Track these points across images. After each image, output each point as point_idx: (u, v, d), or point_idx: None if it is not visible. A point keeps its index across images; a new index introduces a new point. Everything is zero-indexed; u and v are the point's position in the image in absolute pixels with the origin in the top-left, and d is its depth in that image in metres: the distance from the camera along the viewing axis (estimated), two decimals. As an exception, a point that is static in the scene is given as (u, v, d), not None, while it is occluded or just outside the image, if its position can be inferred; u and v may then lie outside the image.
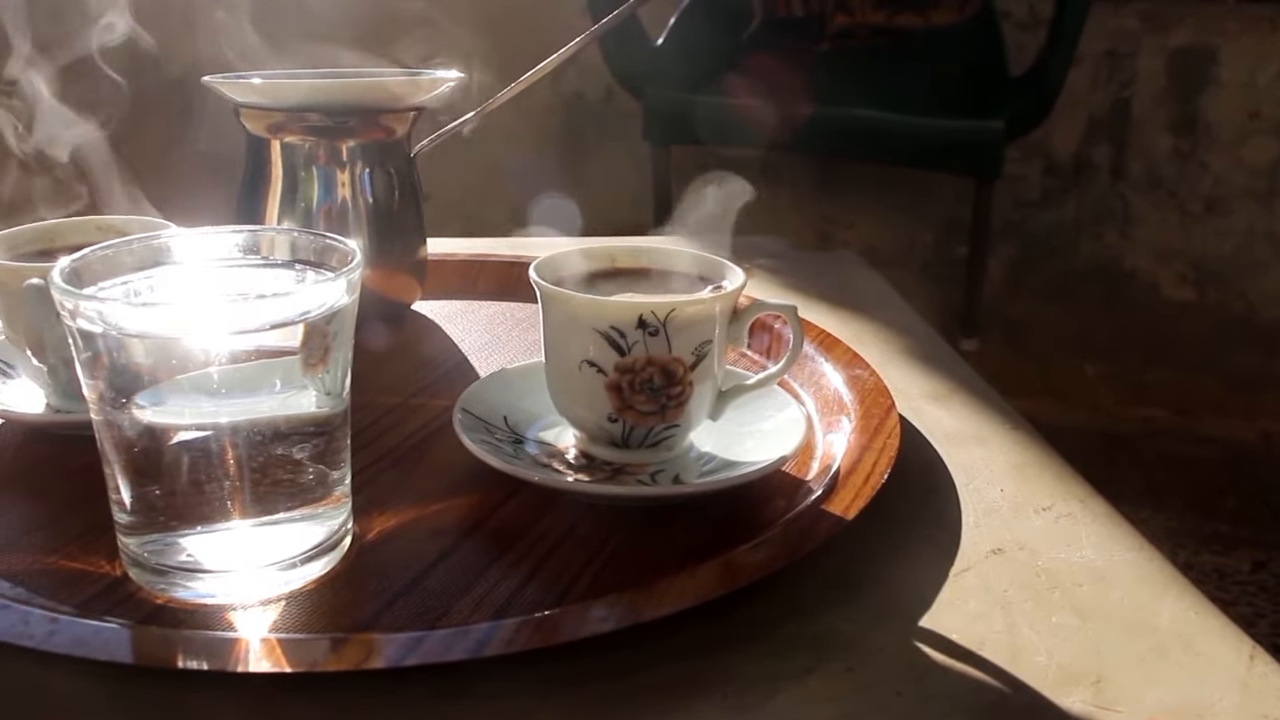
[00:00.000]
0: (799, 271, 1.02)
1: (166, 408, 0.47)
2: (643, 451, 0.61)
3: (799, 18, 2.19)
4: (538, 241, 1.05)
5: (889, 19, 2.14)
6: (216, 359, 0.46)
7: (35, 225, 0.71)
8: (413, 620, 0.49)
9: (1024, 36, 2.31)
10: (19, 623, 0.46)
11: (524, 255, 0.96)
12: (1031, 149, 2.39)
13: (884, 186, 2.47)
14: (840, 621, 0.51)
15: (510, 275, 0.93)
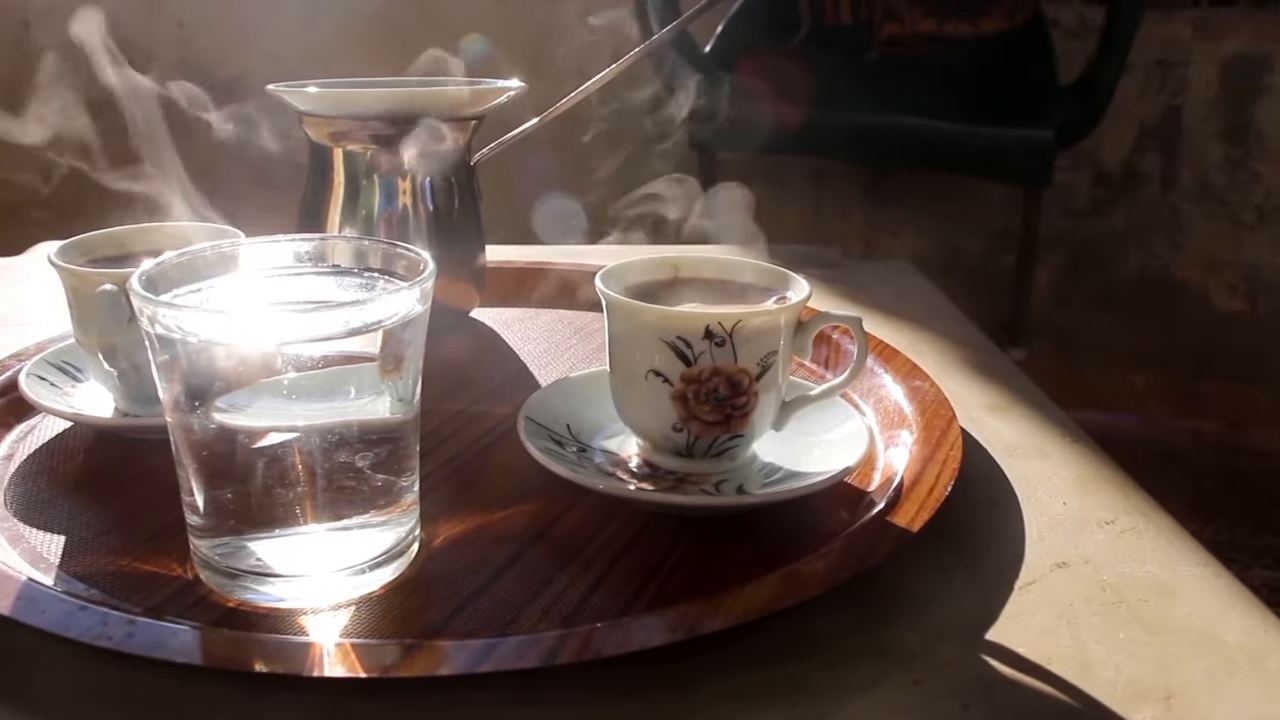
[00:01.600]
0: (853, 281, 1.02)
1: (242, 412, 0.48)
2: (706, 461, 0.61)
3: (848, 25, 2.19)
4: (592, 249, 1.06)
5: (939, 27, 2.13)
6: (293, 365, 0.47)
7: (104, 231, 0.72)
8: (482, 626, 0.49)
9: (1073, 44, 2.30)
10: (97, 624, 0.47)
11: (579, 263, 0.97)
12: (1081, 158, 2.38)
13: (931, 195, 2.46)
14: (906, 633, 0.51)
15: (567, 283, 0.94)
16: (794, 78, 2.10)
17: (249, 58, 2.52)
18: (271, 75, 0.82)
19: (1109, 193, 2.42)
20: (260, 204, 0.83)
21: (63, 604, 0.49)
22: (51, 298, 0.94)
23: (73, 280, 0.66)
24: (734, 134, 2.16)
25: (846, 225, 2.50)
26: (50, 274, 1.00)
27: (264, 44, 2.50)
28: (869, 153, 2.16)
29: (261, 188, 0.82)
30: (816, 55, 2.19)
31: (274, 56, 2.42)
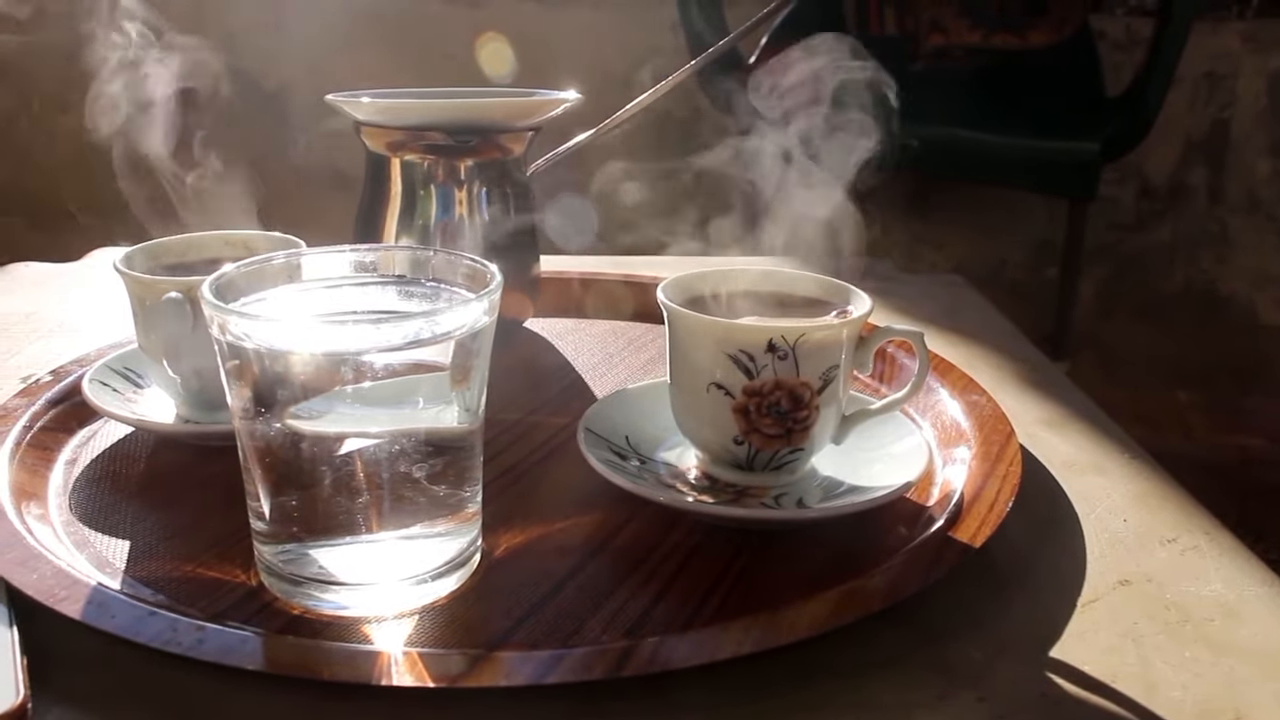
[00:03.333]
0: (904, 294, 1.02)
1: (310, 420, 0.48)
2: (766, 474, 0.61)
3: (893, 37, 2.18)
4: (643, 260, 1.06)
5: (985, 39, 2.12)
6: (363, 375, 0.47)
7: (167, 239, 0.73)
8: (545, 637, 0.50)
9: (1120, 57, 2.28)
10: (167, 629, 0.48)
11: (632, 274, 0.97)
12: (1127, 171, 2.36)
13: (974, 206, 2.45)
14: (969, 649, 0.51)
15: (619, 294, 0.94)
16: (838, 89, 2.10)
17: (295, 67, 2.55)
18: (317, 85, 0.82)
19: (1155, 206, 2.41)
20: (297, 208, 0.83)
21: (132, 609, 0.49)
22: (109, 303, 0.96)
23: (138, 287, 0.67)
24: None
25: (888, 237, 2.49)
26: (107, 279, 1.02)
27: (310, 54, 2.52)
28: (911, 164, 2.15)
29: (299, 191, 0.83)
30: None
31: (318, 67, 2.44)
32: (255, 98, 2.49)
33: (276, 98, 2.54)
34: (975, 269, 2.50)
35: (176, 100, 0.86)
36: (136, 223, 0.97)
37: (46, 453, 0.67)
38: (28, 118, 2.78)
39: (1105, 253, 2.43)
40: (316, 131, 2.44)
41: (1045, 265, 2.42)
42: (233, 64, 2.56)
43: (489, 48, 2.32)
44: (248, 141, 0.84)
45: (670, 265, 1.02)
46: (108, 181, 0.86)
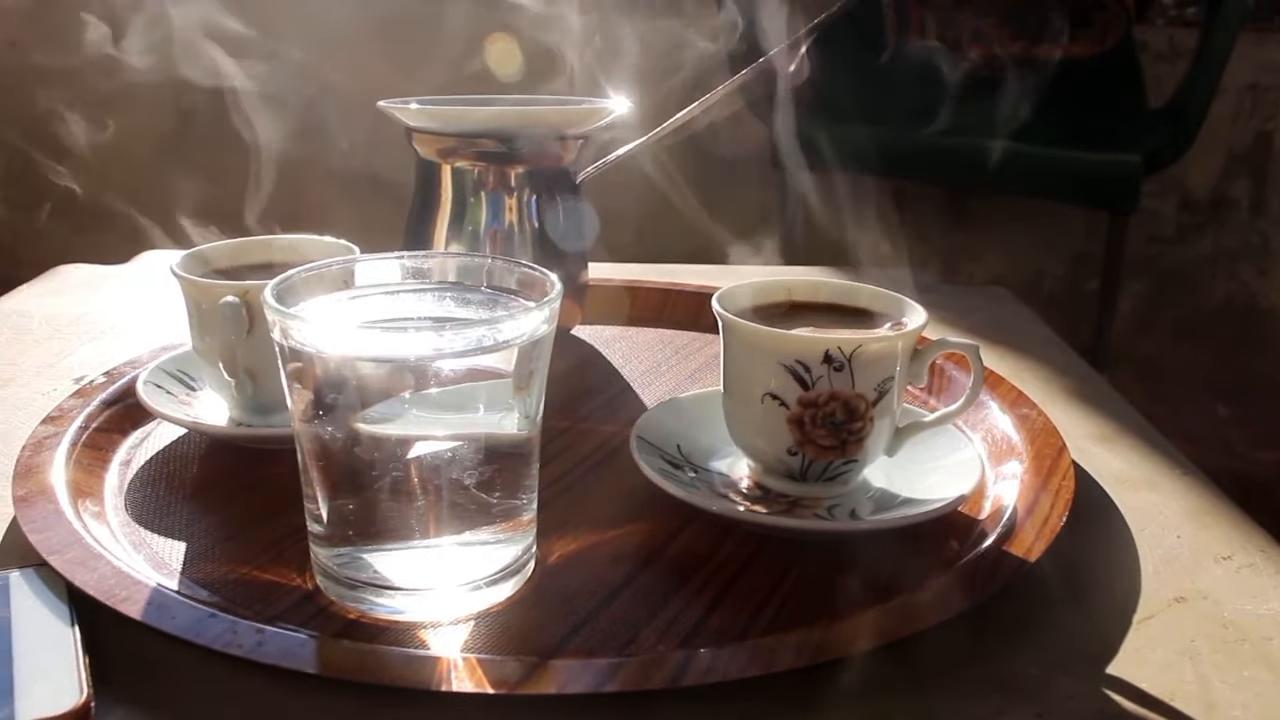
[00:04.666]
0: (951, 306, 1.01)
1: (370, 425, 0.49)
2: (819, 485, 0.61)
3: (933, 47, 2.18)
4: (687, 268, 1.06)
5: (1026, 50, 2.11)
6: (425, 381, 0.48)
7: (222, 243, 0.73)
8: (601, 646, 0.50)
9: (1162, 68, 2.27)
10: (227, 631, 0.48)
11: (677, 283, 0.97)
12: (1168, 183, 2.35)
13: (1013, 218, 2.44)
14: (1026, 665, 0.50)
15: (665, 302, 0.94)
16: (879, 98, 2.10)
17: (335, 71, 2.56)
18: (358, 89, 0.83)
19: (1196, 219, 2.39)
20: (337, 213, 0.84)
21: (193, 611, 0.50)
22: (157, 305, 0.97)
23: (194, 291, 0.67)
24: (816, 153, 2.16)
25: (926, 248, 2.48)
26: (155, 282, 1.03)
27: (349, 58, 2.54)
28: (952, 175, 2.15)
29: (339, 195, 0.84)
30: (901, 76, 2.17)
31: (361, 69, 2.46)
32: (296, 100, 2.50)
33: (316, 101, 2.55)
34: (1013, 281, 2.48)
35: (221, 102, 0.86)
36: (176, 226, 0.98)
37: (101, 453, 0.67)
38: (69, 120, 2.80)
39: (1145, 266, 2.41)
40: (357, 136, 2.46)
41: (1084, 278, 2.41)
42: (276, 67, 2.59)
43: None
44: (287, 145, 0.84)
45: (715, 274, 1.02)
46: (148, 184, 0.87)
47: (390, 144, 0.84)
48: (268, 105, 0.85)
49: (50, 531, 0.56)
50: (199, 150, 2.63)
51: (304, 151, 0.85)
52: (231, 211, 0.85)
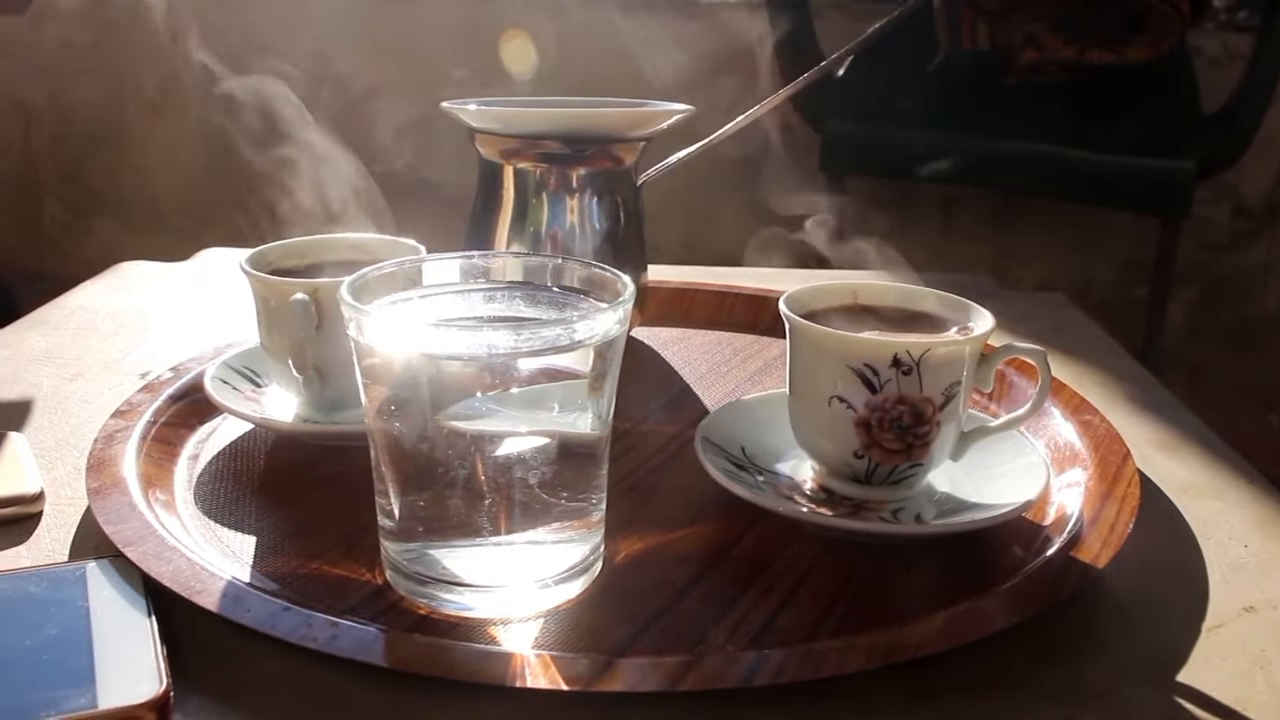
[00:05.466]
0: (1008, 312, 1.00)
1: (445, 422, 0.49)
2: (883, 489, 0.61)
3: (985, 51, 2.17)
4: (742, 271, 1.06)
5: (1080, 54, 2.10)
6: (499, 378, 0.48)
7: (289, 242, 0.74)
8: (670, 645, 0.50)
9: (1216, 73, 2.25)
10: (302, 624, 0.49)
11: (734, 285, 0.97)
12: (1221, 189, 2.32)
13: (1062, 223, 2.42)
14: (1094, 672, 0.50)
15: (723, 305, 0.94)
16: (928, 103, 2.09)
17: (385, 71, 2.58)
18: (407, 88, 0.83)
19: (1249, 225, 2.36)
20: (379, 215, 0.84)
21: (267, 604, 0.50)
22: (219, 302, 0.98)
23: (263, 288, 0.68)
24: (865, 158, 2.15)
25: (975, 252, 2.47)
26: (215, 279, 1.04)
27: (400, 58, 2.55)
28: (1002, 179, 2.14)
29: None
30: (952, 81, 2.17)
31: (410, 70, 2.47)
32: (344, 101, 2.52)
33: (366, 99, 2.57)
34: (1061, 286, 2.46)
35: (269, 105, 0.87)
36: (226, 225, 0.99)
37: (170, 448, 0.68)
38: (120, 120, 2.84)
39: (1196, 272, 2.39)
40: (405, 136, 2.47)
41: (1135, 284, 2.39)
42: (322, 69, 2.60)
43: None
44: (333, 148, 0.85)
45: (770, 277, 1.02)
46: (198, 184, 0.88)
47: (437, 147, 0.84)
48: (313, 108, 0.86)
49: (125, 524, 0.56)
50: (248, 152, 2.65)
51: (351, 153, 0.86)
52: (279, 214, 0.85)
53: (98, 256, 1.30)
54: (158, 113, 2.79)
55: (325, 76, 2.55)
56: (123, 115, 2.83)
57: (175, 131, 2.75)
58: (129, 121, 2.83)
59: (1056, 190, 2.12)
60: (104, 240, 2.88)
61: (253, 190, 0.86)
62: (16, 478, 0.63)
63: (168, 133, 2.78)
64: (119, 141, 2.85)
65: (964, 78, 2.17)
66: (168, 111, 2.77)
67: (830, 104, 2.08)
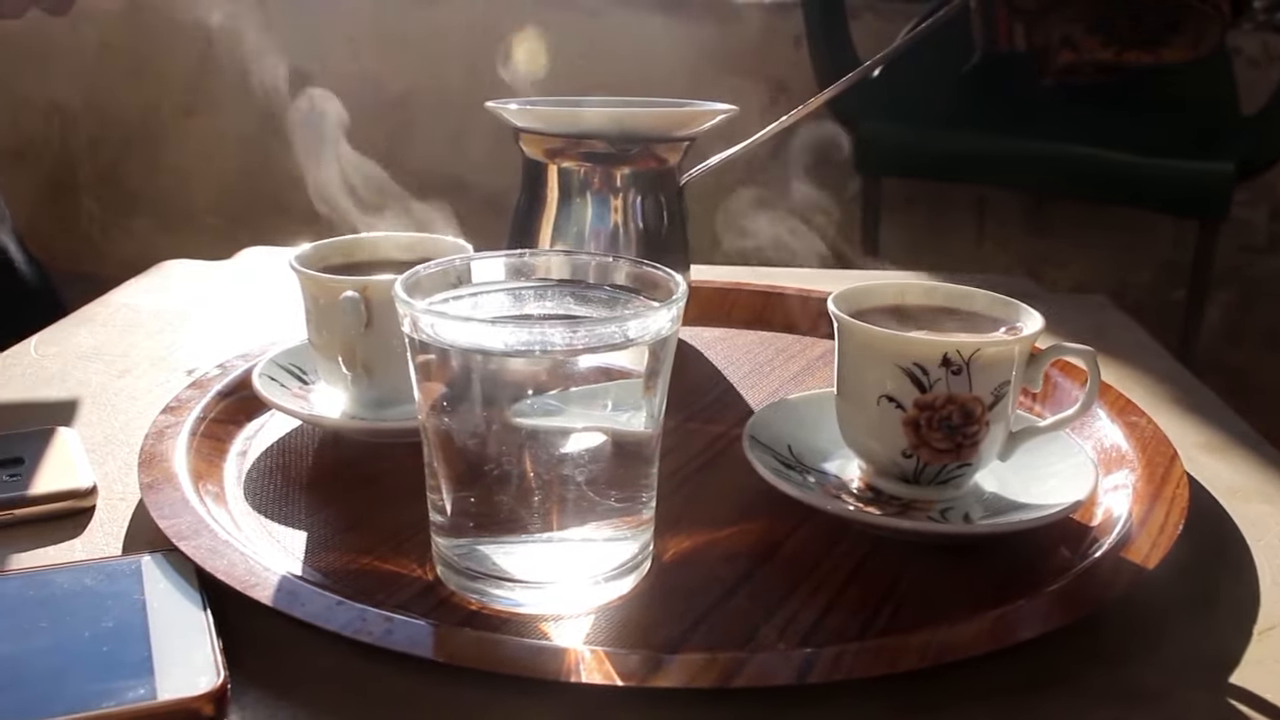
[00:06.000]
0: (1049, 314, 1.00)
1: (498, 419, 0.49)
2: (931, 488, 0.61)
3: (1021, 52, 2.16)
4: (785, 272, 1.06)
5: (1118, 55, 2.09)
6: (554, 376, 0.48)
7: (337, 240, 0.74)
8: (720, 642, 0.50)
9: (1255, 74, 2.23)
10: (356, 619, 0.49)
11: (776, 285, 0.97)
12: (1260, 191, 2.31)
13: (1098, 225, 2.41)
14: (1145, 673, 0.50)
15: (764, 305, 0.94)
16: (963, 104, 2.09)
17: (416, 72, 2.59)
18: (438, 89, 0.84)
19: (1288, 228, 2.35)
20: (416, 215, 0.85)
21: (321, 598, 0.51)
22: (261, 300, 0.99)
23: (313, 286, 0.68)
24: (899, 160, 2.15)
25: (1009, 255, 2.46)
26: (259, 278, 1.05)
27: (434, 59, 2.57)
28: (1038, 181, 2.13)
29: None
30: (987, 82, 2.16)
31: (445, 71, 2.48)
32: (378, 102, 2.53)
33: (402, 101, 2.58)
34: (1097, 289, 2.45)
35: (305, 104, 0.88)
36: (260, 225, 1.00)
37: (219, 443, 0.69)
38: (157, 121, 2.86)
39: (1234, 275, 2.37)
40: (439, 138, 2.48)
41: (1171, 287, 2.37)
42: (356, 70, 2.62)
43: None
44: (370, 147, 0.85)
45: (810, 278, 1.02)
46: (232, 185, 0.89)
47: (473, 146, 0.85)
48: (348, 108, 0.87)
49: (178, 518, 0.57)
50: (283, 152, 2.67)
51: (387, 153, 0.86)
52: (315, 213, 0.86)
53: (134, 256, 1.31)
54: (193, 114, 2.81)
55: (360, 78, 2.57)
56: (159, 116, 2.86)
57: (210, 133, 2.78)
58: (165, 123, 2.86)
59: (1092, 192, 2.11)
60: (140, 240, 2.90)
61: (286, 191, 0.87)
62: (70, 472, 0.64)
63: (203, 134, 2.80)
64: (155, 142, 2.88)
65: (999, 79, 2.17)
66: (203, 113, 2.79)
67: (865, 105, 2.08)
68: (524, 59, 2.23)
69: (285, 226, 1.47)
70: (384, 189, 0.86)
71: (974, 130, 2.03)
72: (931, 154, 2.08)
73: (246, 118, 2.44)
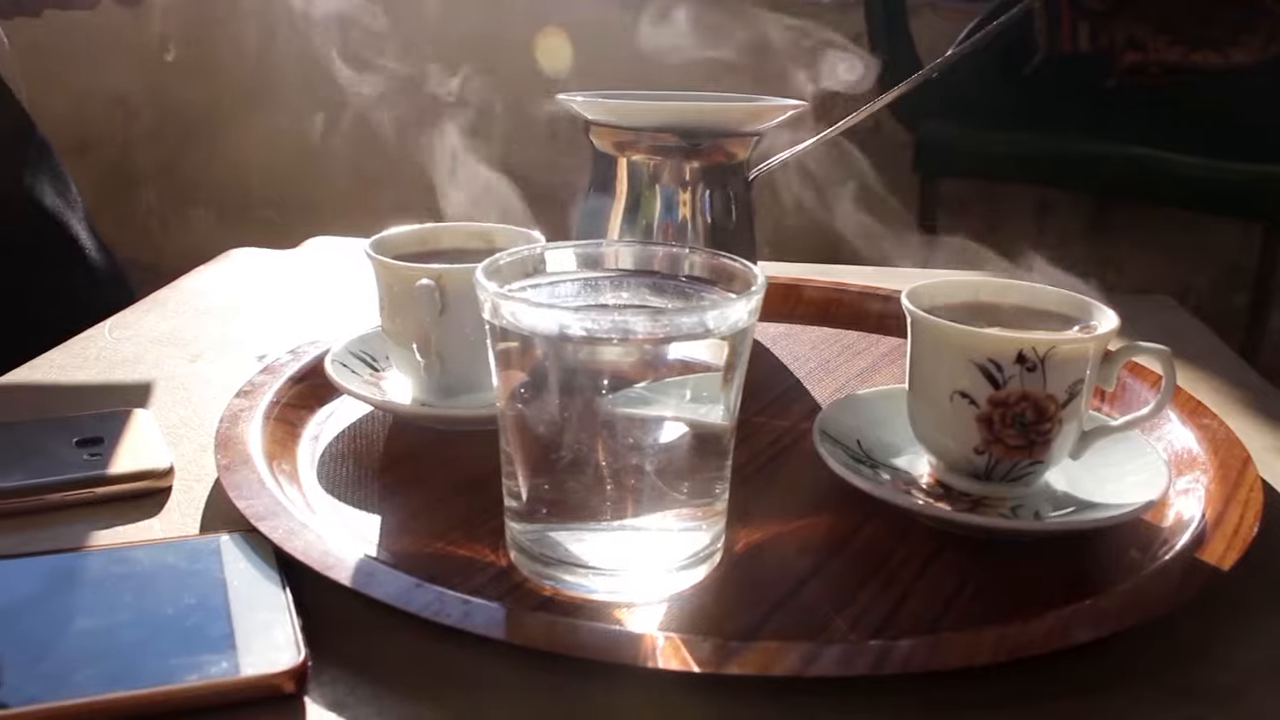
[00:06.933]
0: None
1: (577, 407, 0.50)
2: (1002, 485, 0.61)
3: (1085, 53, 2.14)
4: (849, 269, 1.06)
5: (1185, 56, 2.06)
6: (636, 366, 0.49)
7: (410, 228, 0.75)
8: (793, 632, 0.50)
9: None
10: (434, 601, 0.50)
11: (841, 282, 0.97)
12: (1327, 196, 2.27)
13: (1158, 227, 2.38)
14: (1219, 673, 0.50)
15: (830, 300, 0.94)
16: (1025, 105, 2.07)
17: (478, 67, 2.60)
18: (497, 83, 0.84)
19: (1355, 234, 2.31)
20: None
21: (399, 580, 0.51)
22: (328, 288, 1.00)
23: (388, 274, 0.69)
24: (958, 160, 2.14)
25: (1067, 257, 2.43)
26: (325, 267, 1.06)
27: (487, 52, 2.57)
28: (1100, 184, 2.11)
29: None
30: (1050, 82, 2.14)
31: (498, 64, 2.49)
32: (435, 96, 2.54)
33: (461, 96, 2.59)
34: (1158, 293, 2.42)
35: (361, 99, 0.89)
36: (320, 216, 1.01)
37: (292, 428, 0.70)
38: (217, 115, 2.89)
39: (1298, 281, 2.34)
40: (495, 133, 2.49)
41: (1233, 292, 2.34)
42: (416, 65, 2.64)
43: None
44: (424, 141, 0.86)
45: (873, 275, 1.02)
46: (289, 177, 0.90)
47: (528, 142, 0.85)
48: (407, 103, 0.88)
49: (256, 499, 0.58)
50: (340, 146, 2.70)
51: (441, 147, 0.87)
52: (372, 205, 0.87)
53: (191, 247, 1.32)
54: (252, 108, 2.83)
55: (418, 72, 2.58)
56: (219, 110, 2.89)
57: (268, 126, 2.80)
58: (224, 116, 2.89)
59: (1156, 195, 2.09)
60: (197, 232, 2.93)
61: (343, 184, 0.88)
62: (147, 453, 0.65)
63: (261, 127, 2.83)
64: (214, 135, 2.91)
65: (1062, 79, 2.15)
66: (262, 106, 2.82)
67: (925, 105, 2.07)
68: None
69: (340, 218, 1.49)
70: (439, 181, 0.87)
71: (1035, 131, 2.01)
72: (992, 155, 2.06)
73: (304, 111, 2.47)
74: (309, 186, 2.70)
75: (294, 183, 2.78)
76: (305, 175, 2.73)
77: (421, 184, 0.88)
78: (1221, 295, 2.38)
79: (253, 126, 2.86)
